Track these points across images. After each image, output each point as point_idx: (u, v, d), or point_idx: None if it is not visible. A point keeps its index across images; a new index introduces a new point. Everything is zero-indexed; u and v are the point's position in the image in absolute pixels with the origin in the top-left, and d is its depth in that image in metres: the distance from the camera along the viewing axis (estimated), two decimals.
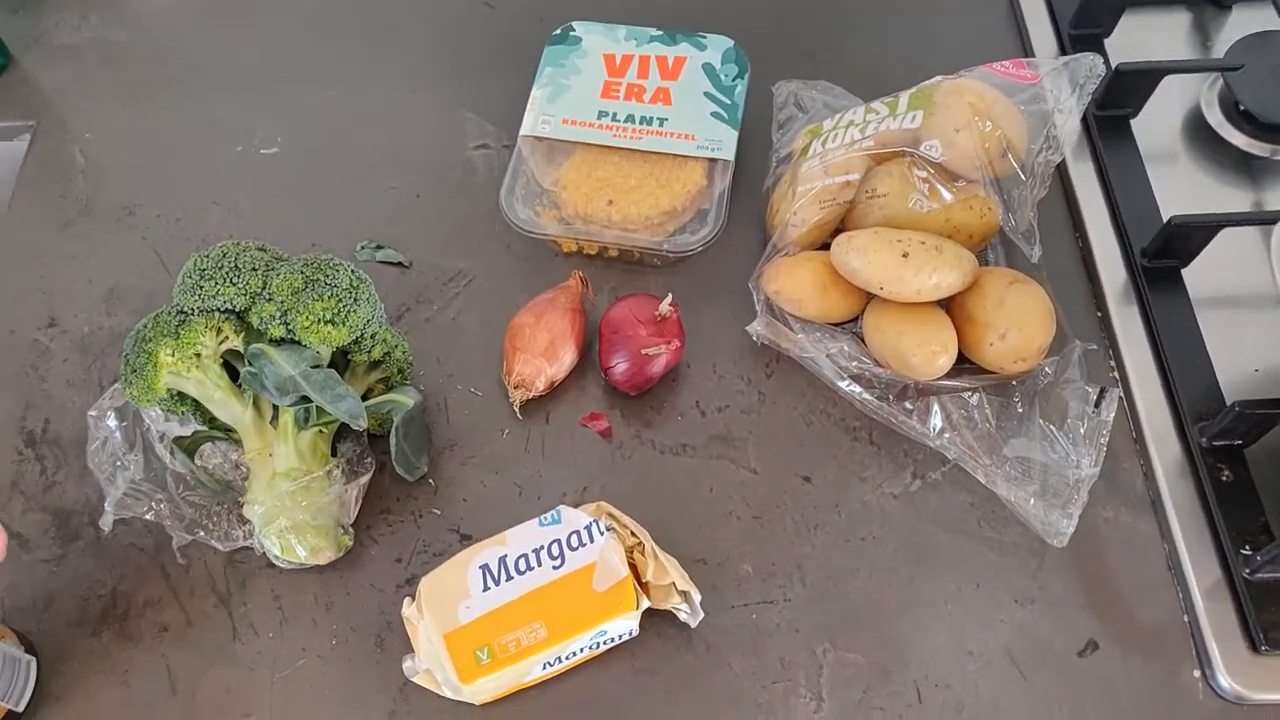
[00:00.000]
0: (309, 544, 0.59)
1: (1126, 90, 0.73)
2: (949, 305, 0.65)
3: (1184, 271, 0.68)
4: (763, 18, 0.84)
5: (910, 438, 0.63)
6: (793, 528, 0.62)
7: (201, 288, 0.58)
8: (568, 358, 0.66)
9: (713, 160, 0.72)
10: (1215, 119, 0.75)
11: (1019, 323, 0.61)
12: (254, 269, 0.59)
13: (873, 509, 0.62)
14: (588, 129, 0.73)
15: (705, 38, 0.77)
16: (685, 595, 0.56)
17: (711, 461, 0.65)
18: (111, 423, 0.64)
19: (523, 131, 0.74)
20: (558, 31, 0.78)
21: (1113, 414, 0.59)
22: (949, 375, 0.62)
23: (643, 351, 0.64)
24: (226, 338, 0.59)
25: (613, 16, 0.80)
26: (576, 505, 0.63)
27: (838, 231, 0.67)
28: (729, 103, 0.74)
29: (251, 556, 0.63)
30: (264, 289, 0.58)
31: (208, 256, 0.59)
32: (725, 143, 0.72)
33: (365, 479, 0.63)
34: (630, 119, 0.73)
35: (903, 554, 0.61)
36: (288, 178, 0.78)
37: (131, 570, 0.63)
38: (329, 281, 0.58)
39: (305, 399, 0.58)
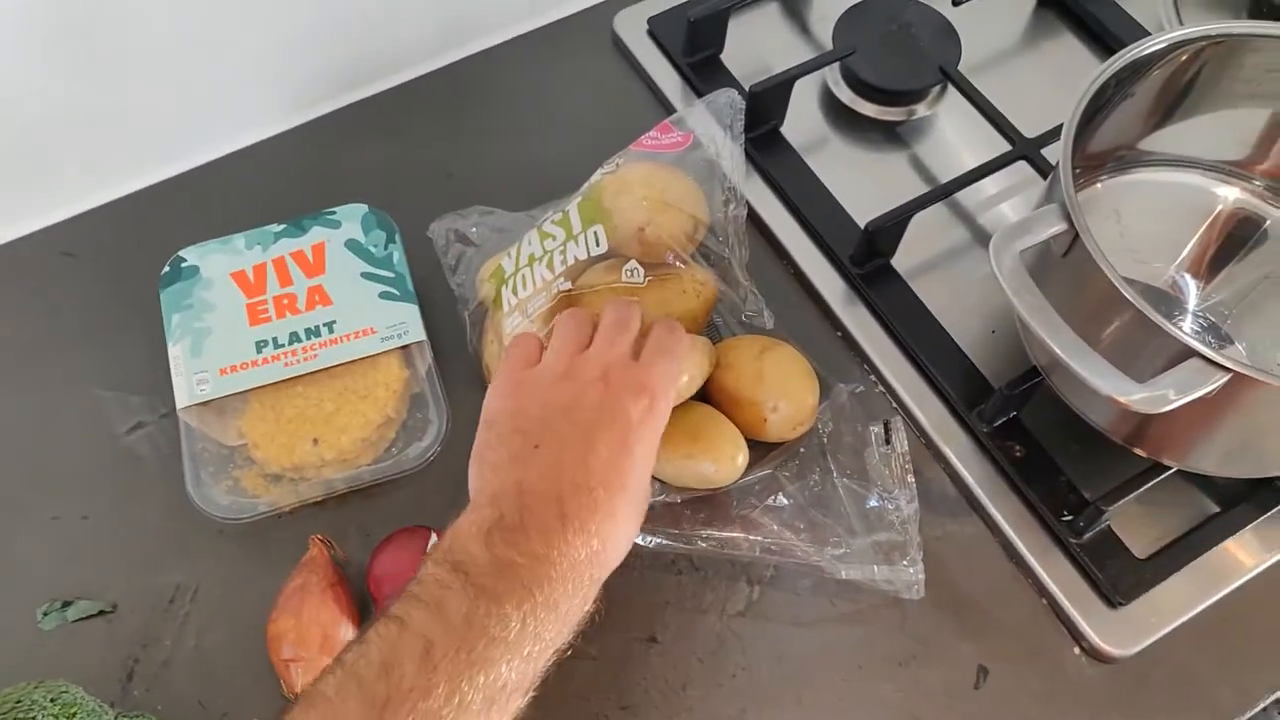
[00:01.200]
0: None
1: (767, 106, 0.73)
2: (709, 394, 0.62)
3: (891, 262, 0.68)
4: (386, 165, 0.75)
5: None
6: (661, 697, 0.57)
7: None
8: (350, 638, 0.57)
9: (404, 346, 0.64)
10: (846, 97, 0.76)
11: (784, 391, 0.59)
12: None
13: (727, 638, 0.58)
14: (252, 370, 0.62)
15: (335, 212, 0.68)
16: None
17: (549, 668, 0.58)
18: None
19: (180, 404, 0.62)
20: (167, 268, 0.66)
21: (905, 443, 0.59)
22: None
23: None
24: None
25: (220, 227, 0.69)
26: None
27: None
28: (392, 275, 0.66)
29: None
30: None
31: None
32: (409, 323, 0.64)
33: None
34: (295, 338, 0.63)
35: (777, 672, 0.57)
36: None
37: None
38: None
39: None
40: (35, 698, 0.48)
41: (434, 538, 0.57)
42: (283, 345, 0.63)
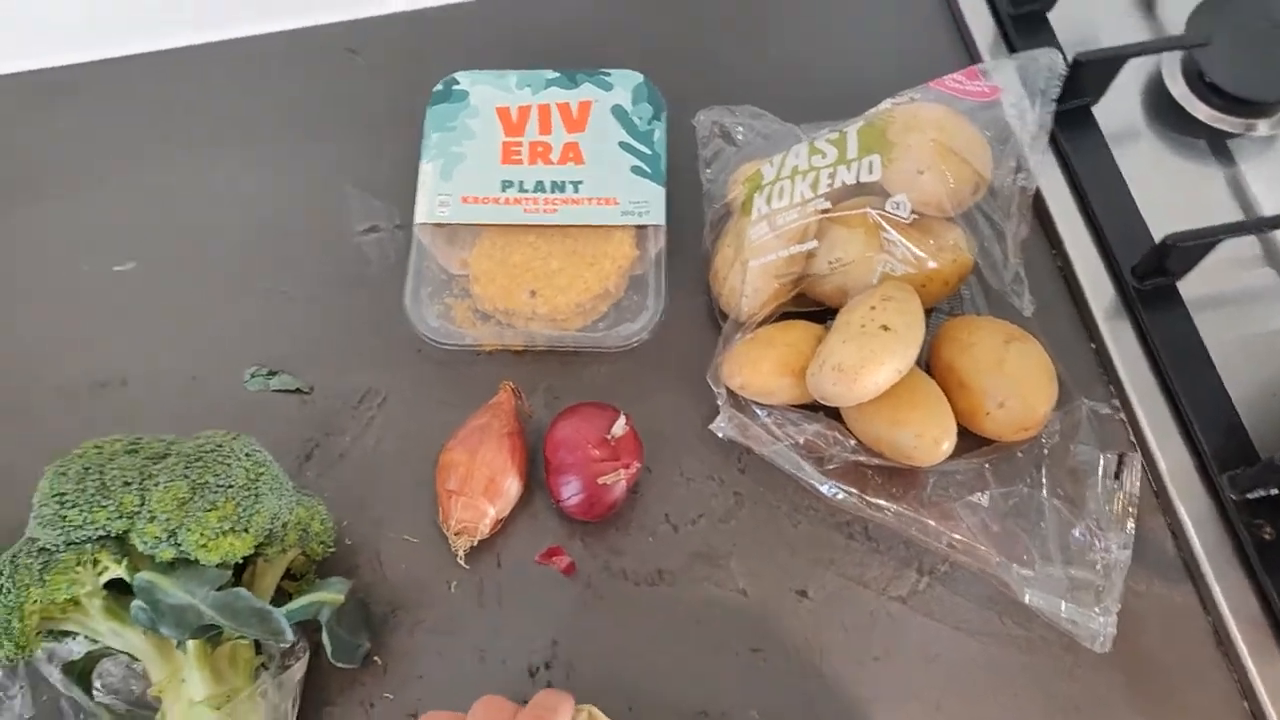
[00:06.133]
0: None
1: (1086, 80, 0.65)
2: (933, 364, 0.58)
3: (1178, 285, 0.61)
4: (668, 40, 0.73)
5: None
6: (796, 656, 0.55)
7: (64, 518, 0.47)
8: (513, 490, 0.57)
9: (641, 226, 0.62)
10: (1179, 91, 0.68)
11: (1019, 389, 0.54)
12: (126, 482, 0.48)
13: (880, 619, 0.55)
14: (493, 206, 0.62)
15: (610, 75, 0.67)
16: None
17: (694, 587, 0.57)
18: None
19: (418, 219, 0.63)
20: (439, 86, 0.67)
21: (1138, 484, 0.53)
22: None
23: (598, 481, 0.55)
24: (106, 568, 0.48)
25: (497, 60, 0.68)
26: (547, 664, 0.55)
27: (799, 298, 0.59)
28: (649, 152, 0.64)
29: None
30: (143, 505, 0.48)
31: (65, 475, 0.48)
32: (653, 204, 0.62)
33: (300, 672, 0.53)
34: (540, 187, 0.63)
35: (922, 670, 0.54)
36: (151, 298, 0.66)
37: None
38: (221, 482, 0.48)
39: (212, 625, 0.48)
40: (233, 448, 0.50)
41: (620, 419, 0.56)
42: (527, 191, 0.63)
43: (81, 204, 0.69)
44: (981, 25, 0.72)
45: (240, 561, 0.50)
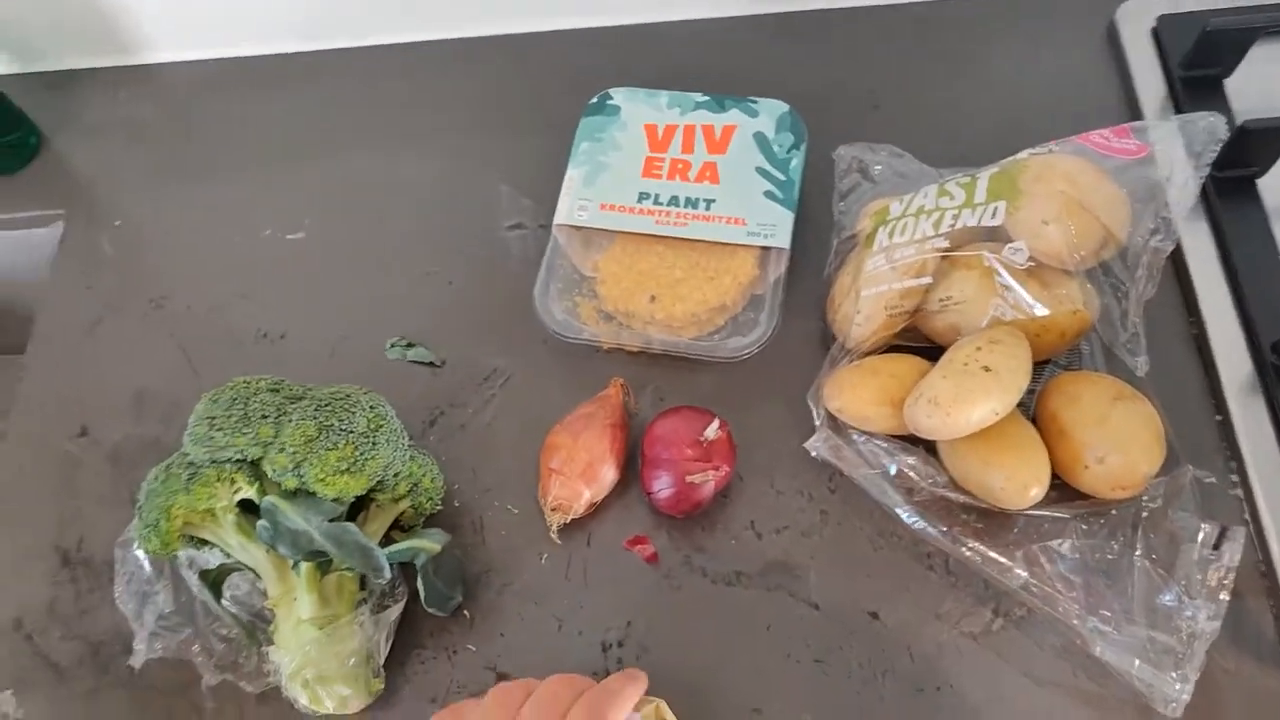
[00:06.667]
0: (336, 695, 0.55)
1: (1253, 149, 0.64)
2: (1039, 413, 0.57)
3: None
4: (819, 75, 0.76)
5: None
6: (859, 674, 0.56)
7: (212, 439, 0.54)
8: (609, 477, 0.61)
9: (765, 248, 0.65)
10: None
11: (1121, 446, 0.53)
12: (265, 415, 0.54)
13: (948, 651, 0.55)
14: (627, 215, 0.67)
15: (757, 103, 0.70)
16: None
17: (769, 594, 0.58)
18: (139, 552, 0.61)
19: (558, 220, 0.68)
20: (594, 100, 0.72)
21: (1237, 558, 0.51)
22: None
23: (687, 479, 0.58)
24: (240, 488, 0.55)
25: (652, 80, 0.73)
26: (620, 643, 0.58)
27: (906, 330, 0.60)
28: (783, 179, 0.67)
29: (282, 697, 0.59)
30: (276, 437, 0.54)
31: (217, 402, 0.56)
32: (779, 228, 0.65)
33: (396, 613, 0.59)
34: (674, 201, 0.66)
35: (985, 710, 0.54)
36: (315, 265, 0.74)
37: (161, 711, 0.60)
38: (344, 427, 0.54)
39: (322, 552, 0.54)
40: (360, 399, 0.56)
41: (715, 423, 0.58)
42: (661, 204, 0.66)
43: (273, 178, 0.78)
44: (1150, 85, 0.71)
45: (355, 500, 0.56)
